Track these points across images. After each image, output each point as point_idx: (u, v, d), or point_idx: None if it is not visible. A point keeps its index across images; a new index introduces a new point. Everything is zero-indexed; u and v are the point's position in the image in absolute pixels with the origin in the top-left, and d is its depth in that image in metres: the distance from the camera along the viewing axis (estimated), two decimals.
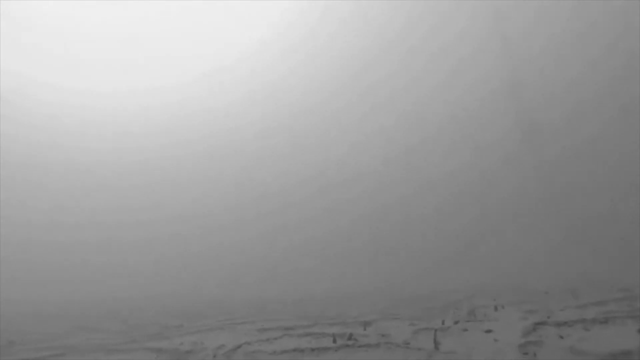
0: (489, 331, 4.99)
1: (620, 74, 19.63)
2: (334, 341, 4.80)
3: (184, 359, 4.70)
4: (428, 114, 26.70)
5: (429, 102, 27.07)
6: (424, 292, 13.75)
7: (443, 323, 5.95)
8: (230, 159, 34.95)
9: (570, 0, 21.96)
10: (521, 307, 7.40)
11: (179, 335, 6.94)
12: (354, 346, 4.16)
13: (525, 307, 7.11)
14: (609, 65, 20.27)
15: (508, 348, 3.76)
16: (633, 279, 9.01)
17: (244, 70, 37.10)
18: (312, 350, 4.07)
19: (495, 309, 7.57)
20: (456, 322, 6.18)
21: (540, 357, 3.14)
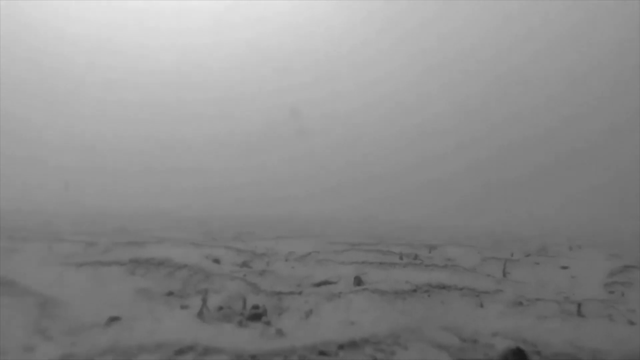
0: (565, 267, 4.77)
1: None
2: (401, 258, 4.92)
3: (257, 258, 5.13)
4: None
5: None
6: (495, 227, 13.43)
7: (512, 255, 5.82)
8: None
9: None
10: (601, 249, 6.97)
11: (252, 240, 7.60)
12: (420, 265, 4.22)
13: (607, 251, 6.68)
14: None
15: (588, 284, 3.57)
16: None
17: None
18: (380, 264, 4.20)
19: (570, 248, 7.20)
20: (527, 256, 6.00)
21: (629, 297, 2.95)
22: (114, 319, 2.05)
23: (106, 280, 3.07)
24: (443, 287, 2.90)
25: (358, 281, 3.27)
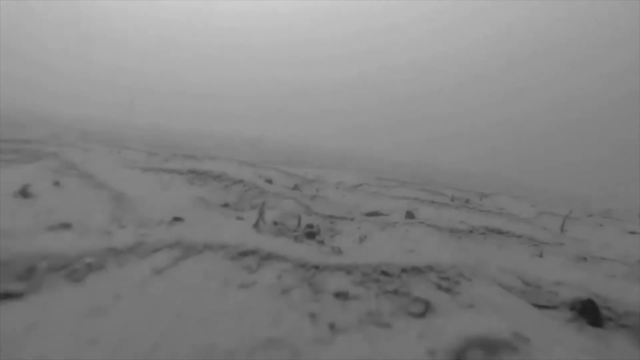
0: (633, 233, 4.44)
1: None
2: (452, 200, 4.80)
3: (307, 184, 5.20)
4: None
5: None
6: (553, 185, 12.69)
7: (570, 212, 5.50)
8: None
9: None
10: None
11: (302, 167, 7.72)
12: (474, 209, 4.08)
13: None
14: None
15: None
16: None
17: None
18: (432, 202, 4.10)
19: None
20: (590, 216, 5.65)
21: None
22: (177, 219, 2.16)
23: (168, 186, 3.24)
24: (500, 232, 2.78)
25: (410, 215, 3.22)
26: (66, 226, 1.75)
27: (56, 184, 2.63)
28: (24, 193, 2.30)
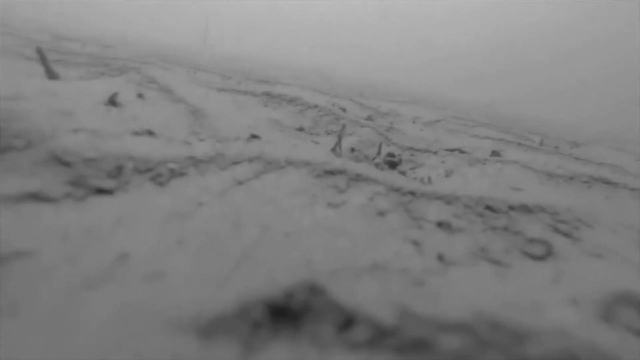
0: None
1: None
2: (541, 144, 4.33)
3: (381, 116, 4.95)
4: None
5: None
6: None
7: None
8: None
9: None
10: None
11: (375, 99, 7.38)
12: (568, 156, 3.62)
13: None
14: None
15: None
16: None
17: None
18: (519, 144, 3.70)
19: None
20: None
21: None
22: (255, 137, 2.10)
23: (243, 106, 3.20)
24: (607, 182, 2.42)
25: (497, 155, 2.92)
26: (150, 133, 1.76)
27: (140, 96, 2.68)
28: (113, 101, 2.36)
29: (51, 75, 2.84)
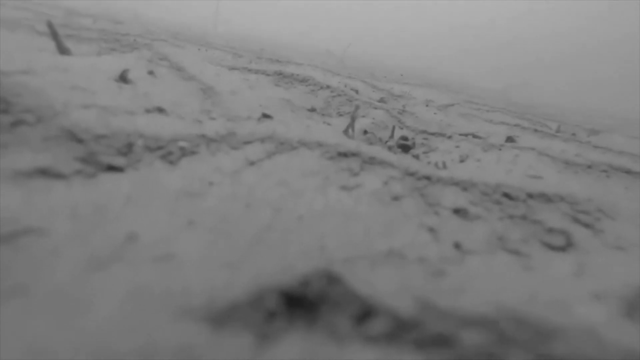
0: None
1: None
2: (557, 131, 4.22)
3: (393, 99, 4.86)
4: None
5: None
6: None
7: None
8: None
9: None
10: None
11: (388, 81, 7.25)
12: (587, 144, 3.52)
13: None
14: None
15: None
16: None
17: None
18: (535, 131, 3.61)
19: None
20: None
21: None
22: (266, 116, 2.06)
23: (254, 85, 3.15)
24: (627, 171, 2.35)
25: (511, 141, 2.85)
26: (160, 110, 1.73)
27: (150, 72, 2.65)
28: (123, 78, 2.34)
29: (62, 50, 2.82)
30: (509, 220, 0.96)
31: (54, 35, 2.82)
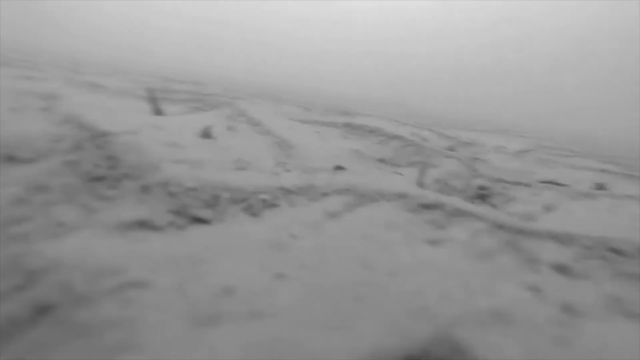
0: None
1: None
2: None
3: (463, 146, 4.74)
4: None
5: None
6: None
7: None
8: None
9: None
10: None
11: (455, 128, 7.17)
12: None
13: None
14: None
15: None
16: None
17: None
18: (627, 176, 3.29)
19: None
20: None
21: None
22: (339, 168, 2.11)
23: (326, 137, 3.27)
24: None
25: (601, 188, 2.62)
26: (241, 164, 1.85)
27: (230, 128, 2.87)
28: (206, 134, 2.56)
29: (157, 111, 3.17)
30: (620, 278, 0.87)
31: (153, 99, 3.19)
